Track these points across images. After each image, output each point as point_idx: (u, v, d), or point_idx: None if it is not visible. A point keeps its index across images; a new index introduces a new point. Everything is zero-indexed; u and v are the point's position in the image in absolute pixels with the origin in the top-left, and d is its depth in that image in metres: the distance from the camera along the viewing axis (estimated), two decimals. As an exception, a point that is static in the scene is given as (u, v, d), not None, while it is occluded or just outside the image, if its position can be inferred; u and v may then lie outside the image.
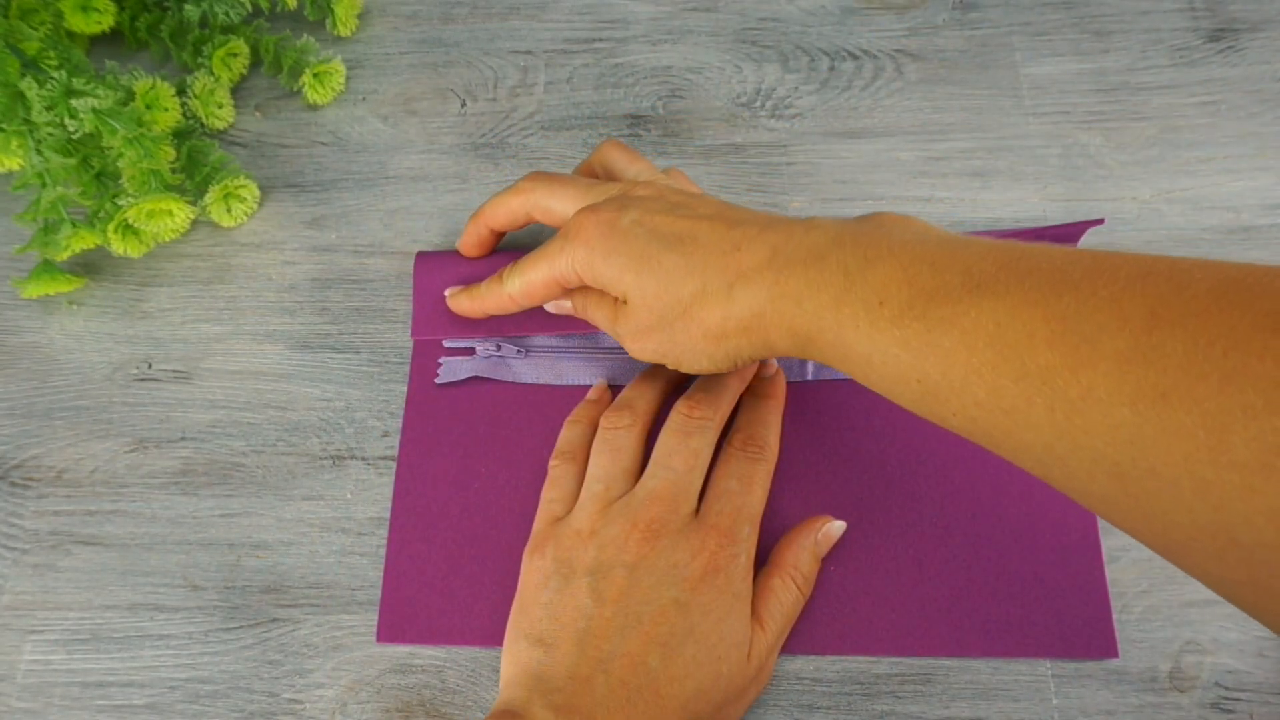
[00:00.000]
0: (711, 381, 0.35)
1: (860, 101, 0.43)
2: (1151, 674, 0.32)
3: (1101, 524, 0.34)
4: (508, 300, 0.35)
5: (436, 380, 0.38)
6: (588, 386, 0.38)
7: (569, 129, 0.44)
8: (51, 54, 0.38)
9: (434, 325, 0.39)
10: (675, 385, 0.37)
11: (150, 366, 0.40)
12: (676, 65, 0.45)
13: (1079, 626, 0.33)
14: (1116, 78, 0.43)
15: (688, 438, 0.34)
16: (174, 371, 0.40)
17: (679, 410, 0.34)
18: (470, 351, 0.39)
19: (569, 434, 0.36)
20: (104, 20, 0.43)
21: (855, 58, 0.44)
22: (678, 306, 0.29)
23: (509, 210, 0.35)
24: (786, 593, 0.32)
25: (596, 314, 0.33)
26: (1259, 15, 0.43)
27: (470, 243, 0.38)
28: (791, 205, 0.41)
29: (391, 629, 0.35)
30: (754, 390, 0.36)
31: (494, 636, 0.34)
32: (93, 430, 0.39)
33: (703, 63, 0.45)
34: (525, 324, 0.38)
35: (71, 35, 0.44)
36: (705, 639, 0.30)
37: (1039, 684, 0.33)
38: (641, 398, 0.36)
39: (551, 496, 0.34)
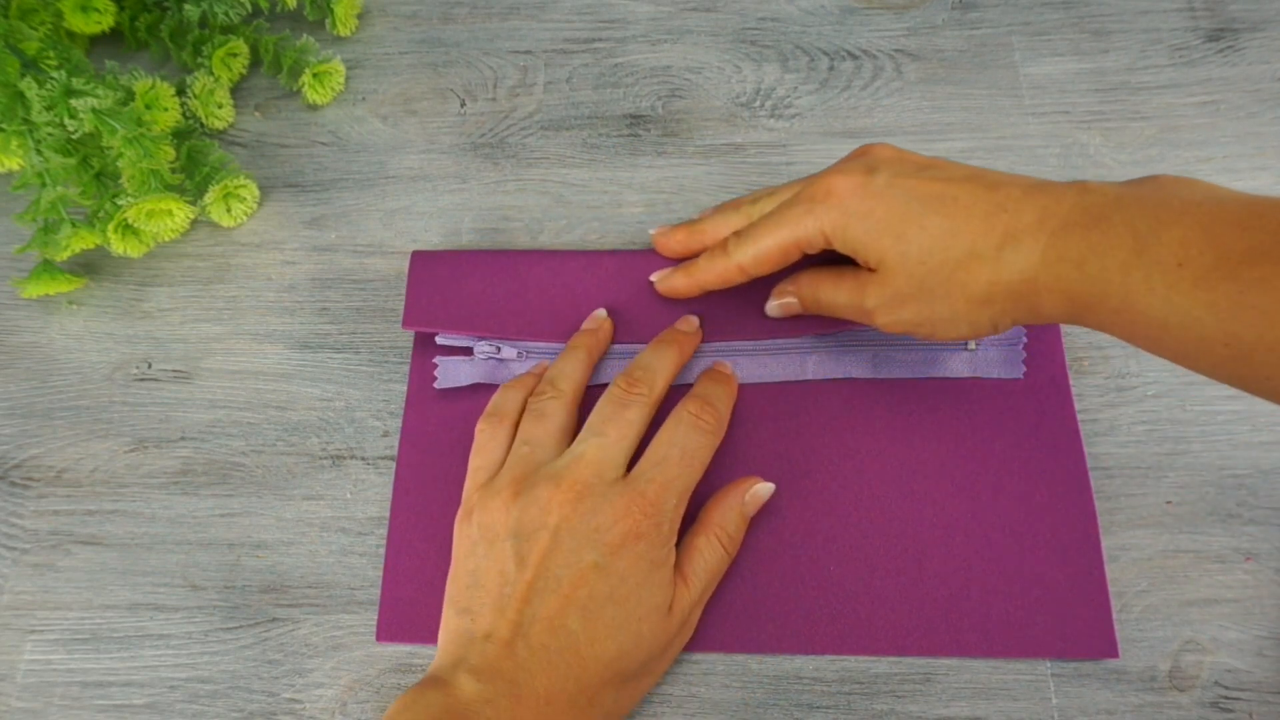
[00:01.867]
0: (653, 359, 0.35)
1: (860, 101, 0.43)
2: (1151, 673, 0.32)
3: (1102, 523, 0.34)
4: (735, 271, 0.34)
5: (435, 385, 0.38)
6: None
7: (569, 129, 0.44)
8: (51, 54, 0.38)
9: (426, 317, 0.38)
10: (593, 367, 0.37)
11: (150, 366, 0.40)
12: (676, 65, 0.45)
13: (1079, 626, 0.33)
14: (1116, 77, 0.43)
15: (624, 409, 0.33)
16: (174, 371, 0.40)
17: (618, 384, 0.34)
18: (467, 352, 0.38)
19: (500, 397, 0.36)
20: (104, 20, 0.43)
21: (855, 57, 0.44)
22: (941, 270, 0.29)
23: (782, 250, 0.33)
24: (711, 551, 0.32)
25: (835, 295, 0.33)
26: (1258, 15, 0.43)
27: (710, 280, 0.36)
28: (791, 205, 0.41)
29: (391, 628, 0.35)
30: (717, 371, 0.36)
31: None
32: (93, 430, 0.39)
33: (702, 62, 0.45)
34: (524, 328, 0.38)
35: (71, 35, 0.44)
36: (625, 601, 0.30)
37: (1039, 684, 0.33)
38: (565, 377, 0.35)
39: (478, 464, 0.34)
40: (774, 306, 0.36)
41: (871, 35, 0.44)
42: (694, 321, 0.37)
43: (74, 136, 0.38)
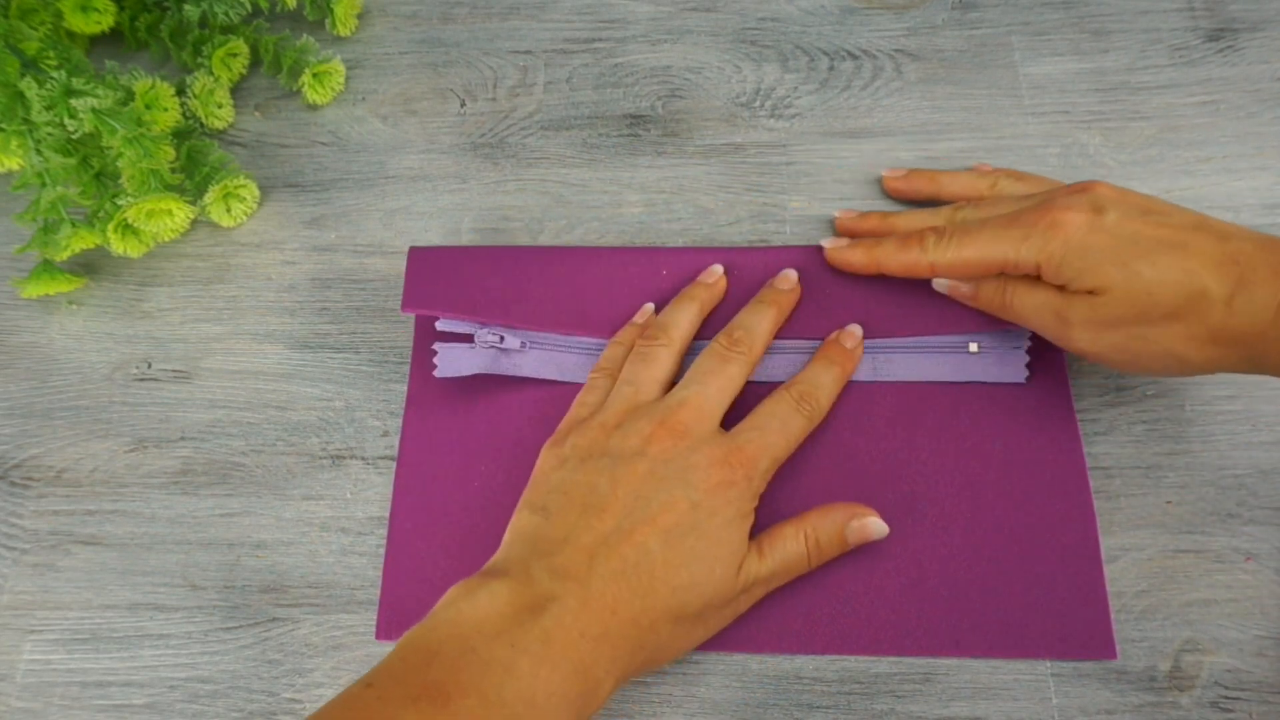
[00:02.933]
0: (752, 318, 0.36)
1: (860, 101, 0.43)
2: (1151, 673, 0.32)
3: (1101, 523, 0.34)
4: (925, 268, 0.34)
5: (435, 373, 0.37)
6: (583, 384, 0.38)
7: (568, 129, 0.44)
8: (51, 54, 0.38)
9: (427, 300, 0.38)
10: (703, 321, 0.37)
11: (150, 366, 0.40)
12: (676, 65, 0.45)
13: (1077, 627, 0.33)
14: (1116, 77, 0.43)
15: (726, 364, 0.34)
16: (174, 371, 0.40)
17: (720, 341, 0.35)
18: (468, 339, 0.38)
19: (610, 352, 0.37)
20: (104, 20, 0.43)
21: (855, 57, 0.44)
22: (1169, 303, 0.29)
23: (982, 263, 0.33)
24: (795, 543, 0.33)
25: (1028, 299, 0.33)
26: (1258, 15, 0.43)
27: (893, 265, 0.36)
28: (791, 204, 0.41)
29: (391, 627, 0.35)
30: (826, 355, 0.36)
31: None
32: (92, 430, 0.39)
33: (702, 62, 0.45)
34: (532, 317, 0.37)
35: (71, 35, 0.44)
36: (705, 537, 0.31)
37: (1039, 684, 0.33)
38: (676, 326, 0.36)
39: (583, 400, 0.35)
40: (945, 285, 0.36)
41: (871, 35, 0.44)
42: (793, 278, 0.37)
43: (74, 136, 0.38)
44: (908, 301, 0.37)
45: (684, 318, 0.36)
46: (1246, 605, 0.33)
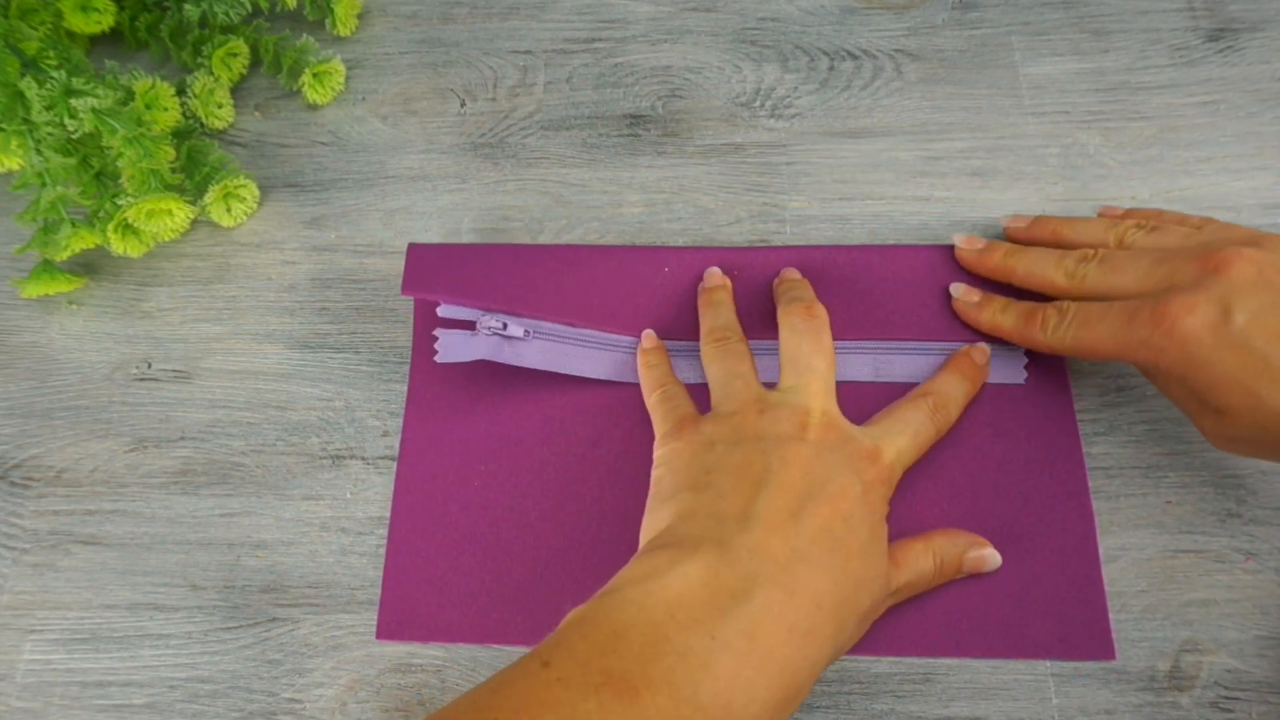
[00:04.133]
0: (809, 290, 0.35)
1: (860, 101, 0.43)
2: (1151, 673, 0.32)
3: (1101, 523, 0.34)
4: (1041, 345, 0.33)
5: (436, 358, 0.37)
6: (590, 380, 0.37)
7: (569, 129, 0.44)
8: (51, 54, 0.38)
9: (428, 283, 0.38)
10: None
11: (150, 366, 0.40)
12: (676, 65, 0.45)
13: (1076, 628, 0.33)
14: (1116, 77, 0.43)
15: (819, 335, 0.33)
16: (174, 371, 0.40)
17: (794, 312, 0.33)
18: (470, 326, 0.38)
19: (651, 375, 0.35)
20: (104, 20, 0.43)
21: (855, 57, 0.44)
22: None
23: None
24: (926, 558, 0.32)
25: (1163, 386, 0.32)
26: (1258, 15, 0.43)
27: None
28: (791, 204, 0.41)
29: (391, 626, 0.35)
30: (959, 368, 0.35)
31: (494, 634, 0.34)
32: (92, 430, 0.39)
33: (702, 62, 0.45)
34: (535, 305, 0.37)
35: (71, 35, 0.44)
36: (874, 530, 0.29)
37: (1039, 684, 0.33)
38: (733, 323, 0.35)
39: (674, 406, 0.33)
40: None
41: (871, 35, 0.44)
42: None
43: (74, 136, 0.38)
44: (911, 304, 0.37)
45: (727, 313, 0.36)
46: (1246, 605, 0.33)
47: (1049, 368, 0.37)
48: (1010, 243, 0.37)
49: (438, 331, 0.37)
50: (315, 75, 0.44)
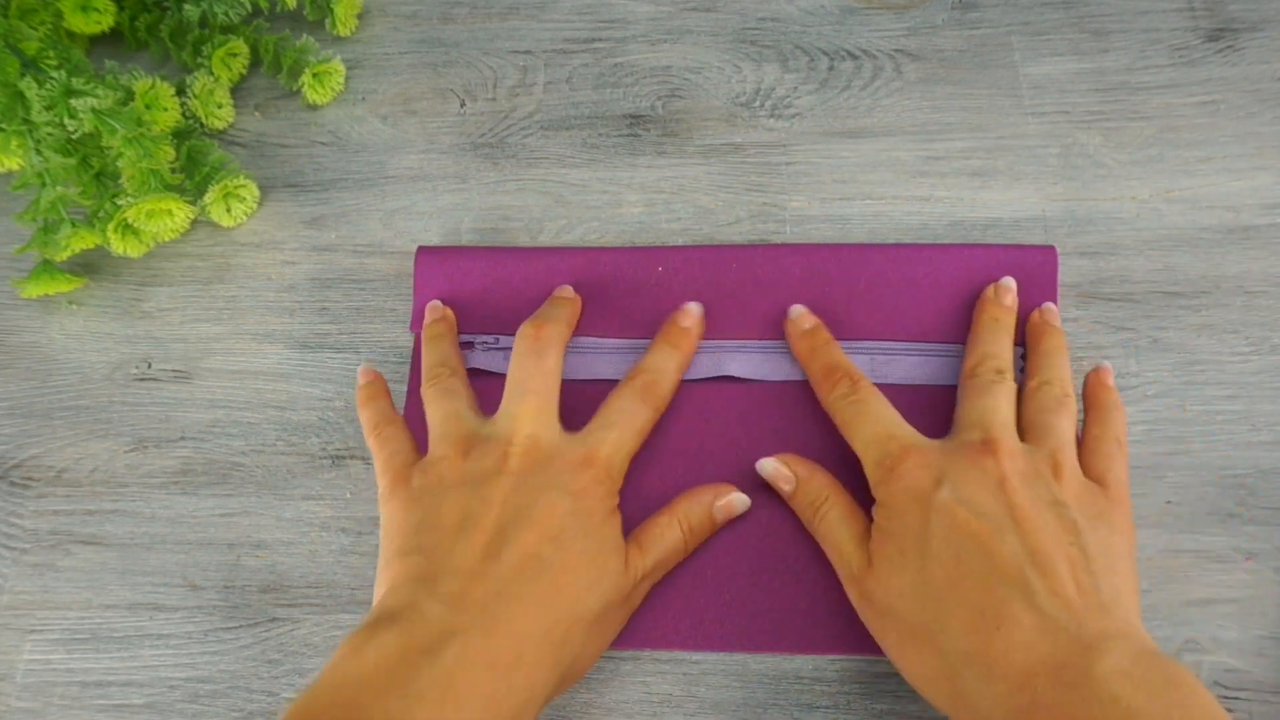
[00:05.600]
0: (550, 309, 0.36)
1: (859, 101, 0.43)
2: (1151, 673, 0.32)
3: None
4: (824, 402, 0.35)
5: None
6: (585, 380, 0.37)
7: (568, 129, 0.44)
8: (51, 54, 0.38)
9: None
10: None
11: (150, 366, 0.40)
12: (676, 65, 0.45)
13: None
14: (1115, 77, 0.43)
15: (540, 356, 0.33)
16: (174, 371, 0.40)
17: (521, 335, 0.34)
18: (469, 347, 0.38)
19: (365, 411, 0.35)
20: (104, 20, 0.43)
21: (854, 57, 0.44)
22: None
23: None
24: (671, 530, 0.33)
25: (835, 528, 0.33)
26: (1258, 15, 0.43)
27: None
28: (791, 204, 0.41)
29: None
30: (666, 339, 0.36)
31: None
32: (92, 430, 0.39)
33: (702, 62, 0.45)
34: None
35: (71, 35, 0.44)
36: (592, 536, 0.30)
37: (1038, 683, 0.33)
38: (448, 361, 0.35)
39: (390, 453, 0.33)
40: (771, 466, 0.34)
41: (871, 35, 0.44)
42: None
43: (74, 136, 0.38)
44: (907, 307, 0.37)
45: (445, 347, 0.36)
46: (1246, 605, 0.33)
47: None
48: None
49: None
50: (315, 75, 0.44)
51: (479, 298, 0.39)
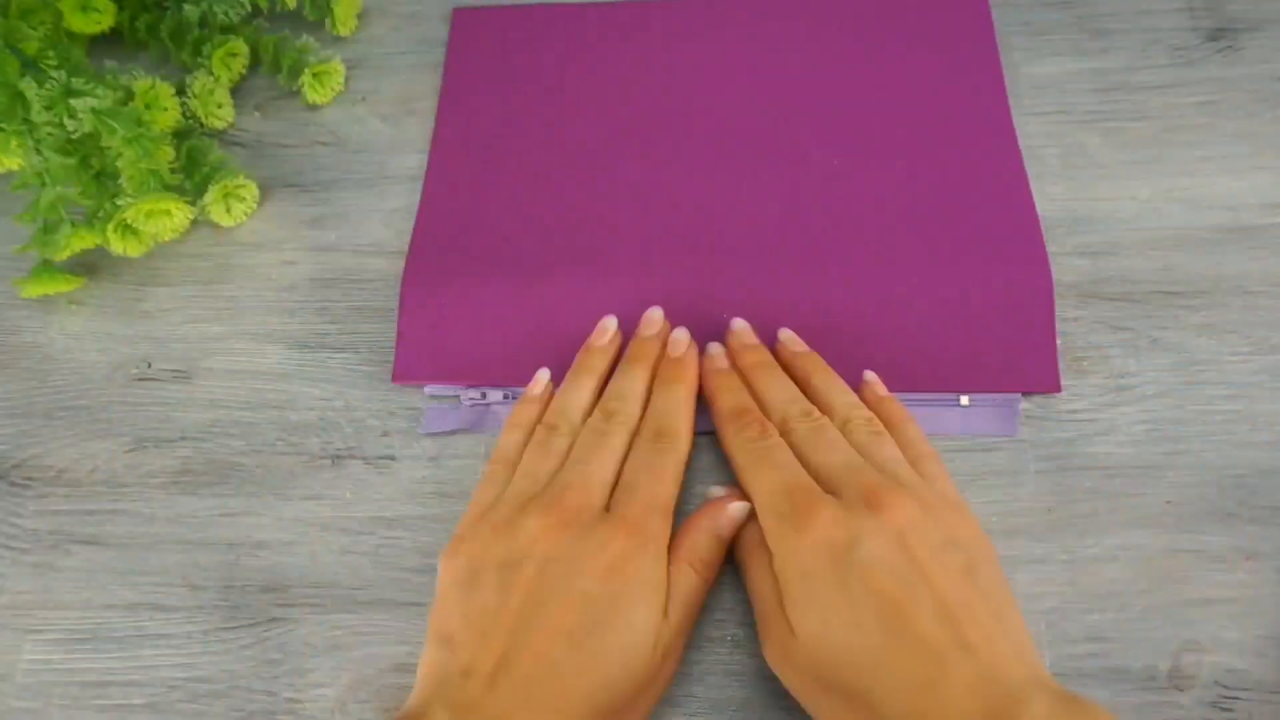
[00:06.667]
0: (625, 383, 0.35)
1: (860, 101, 0.43)
2: (1151, 673, 0.32)
3: (1101, 523, 0.34)
4: (726, 445, 0.34)
5: (421, 430, 0.37)
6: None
7: (568, 129, 0.44)
8: (51, 54, 0.38)
9: (416, 371, 0.38)
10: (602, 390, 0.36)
11: (150, 366, 0.40)
12: (676, 65, 0.45)
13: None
14: (1115, 77, 0.43)
15: (605, 437, 0.33)
16: (174, 371, 0.40)
17: (596, 415, 0.34)
18: (454, 398, 0.38)
19: (507, 439, 0.35)
20: (104, 20, 0.43)
21: (855, 57, 0.44)
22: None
23: None
24: (684, 579, 0.31)
25: (759, 578, 0.31)
26: (1258, 15, 0.43)
27: None
28: (791, 205, 0.41)
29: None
30: (662, 376, 0.35)
31: (510, 375, 0.37)
32: (92, 430, 0.39)
33: (702, 62, 0.45)
34: (510, 374, 0.38)
35: (71, 35, 0.44)
36: (612, 628, 0.29)
37: (1038, 683, 0.33)
38: (576, 408, 0.35)
39: (479, 498, 0.33)
40: (720, 495, 0.34)
41: (871, 35, 0.44)
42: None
43: (74, 136, 0.38)
44: (899, 357, 0.37)
45: (579, 397, 0.35)
46: (1246, 605, 0.33)
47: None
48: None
49: (424, 405, 0.38)
50: (315, 75, 0.44)
51: (466, 349, 0.38)
